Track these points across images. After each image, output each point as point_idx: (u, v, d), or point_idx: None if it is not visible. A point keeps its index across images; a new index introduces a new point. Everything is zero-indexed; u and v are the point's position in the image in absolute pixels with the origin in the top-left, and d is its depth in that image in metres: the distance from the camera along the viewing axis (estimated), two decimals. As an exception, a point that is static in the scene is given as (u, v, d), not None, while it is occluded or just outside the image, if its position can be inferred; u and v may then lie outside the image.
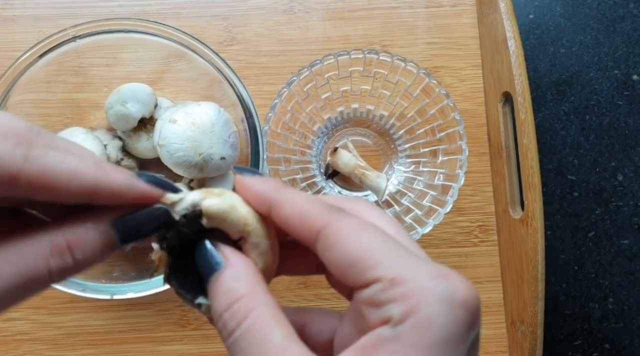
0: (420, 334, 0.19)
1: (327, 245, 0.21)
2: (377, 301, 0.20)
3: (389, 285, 0.20)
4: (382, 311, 0.20)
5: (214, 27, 0.54)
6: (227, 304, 0.21)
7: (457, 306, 0.19)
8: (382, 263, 0.20)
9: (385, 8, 0.55)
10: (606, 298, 0.55)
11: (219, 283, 0.22)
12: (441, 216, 0.47)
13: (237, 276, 0.22)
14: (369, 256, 0.20)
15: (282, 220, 0.23)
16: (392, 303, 0.19)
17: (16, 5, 0.53)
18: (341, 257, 0.21)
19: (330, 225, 0.21)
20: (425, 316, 0.19)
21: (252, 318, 0.20)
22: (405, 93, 0.50)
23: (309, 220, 0.22)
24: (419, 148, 0.51)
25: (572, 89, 0.57)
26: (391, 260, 0.20)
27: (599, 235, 0.56)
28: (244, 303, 0.21)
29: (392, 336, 0.19)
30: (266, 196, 0.23)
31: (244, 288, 0.21)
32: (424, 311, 0.19)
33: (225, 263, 0.22)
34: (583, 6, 0.58)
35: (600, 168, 0.56)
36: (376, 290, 0.20)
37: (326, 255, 0.21)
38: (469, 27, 0.55)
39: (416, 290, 0.19)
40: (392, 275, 0.20)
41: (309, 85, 0.49)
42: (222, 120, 0.46)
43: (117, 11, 0.54)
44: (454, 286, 0.20)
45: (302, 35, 0.54)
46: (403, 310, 0.19)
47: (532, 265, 0.48)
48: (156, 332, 0.51)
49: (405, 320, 0.19)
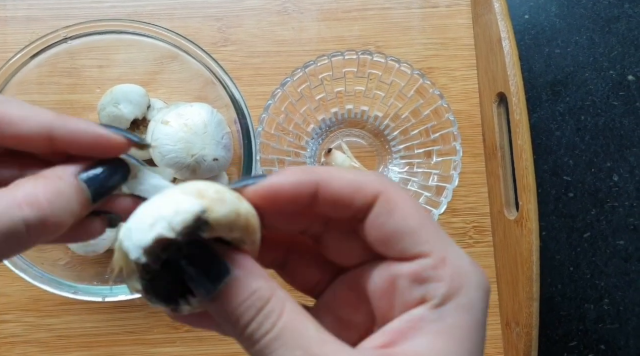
0: (463, 316, 0.20)
1: (385, 209, 0.21)
2: (424, 277, 0.20)
3: (439, 263, 0.20)
4: (425, 288, 0.20)
5: (208, 27, 0.54)
6: (259, 306, 0.20)
7: (487, 293, 0.21)
8: (434, 241, 0.21)
9: (380, 9, 0.55)
10: (602, 299, 0.55)
11: (236, 287, 0.20)
12: (435, 217, 0.46)
13: (255, 276, 0.20)
14: (423, 230, 0.21)
15: (333, 196, 0.21)
16: (438, 282, 0.20)
17: (8, 7, 0.53)
18: (395, 224, 0.21)
19: (388, 190, 0.21)
20: (468, 300, 0.20)
21: (287, 314, 0.20)
22: (399, 94, 0.49)
23: (365, 187, 0.21)
24: (413, 149, 0.51)
25: (568, 89, 0.57)
26: (441, 239, 0.21)
27: (594, 236, 0.56)
28: (275, 303, 0.20)
29: (435, 317, 0.20)
30: (307, 180, 0.21)
31: (268, 288, 0.20)
32: (466, 295, 0.20)
33: (235, 266, 0.20)
34: (578, 6, 0.58)
35: (596, 169, 0.56)
36: (425, 265, 0.20)
37: (380, 220, 0.21)
38: (463, 27, 0.55)
39: (461, 274, 0.20)
40: (443, 254, 0.20)
41: (303, 86, 0.49)
42: (214, 121, 0.45)
43: (110, 12, 0.54)
44: (484, 275, 0.21)
45: (296, 36, 0.54)
46: (447, 291, 0.20)
47: (527, 266, 0.48)
48: (149, 334, 0.51)
49: (447, 302, 0.20)
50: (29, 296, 0.50)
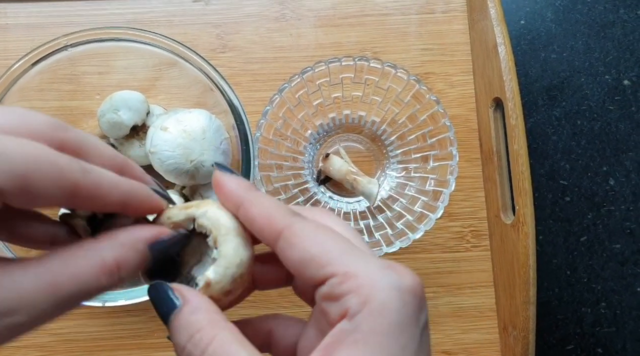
0: (376, 320, 0.21)
1: (287, 244, 0.23)
2: (335, 294, 0.22)
3: (343, 278, 0.21)
4: (340, 304, 0.21)
5: (206, 34, 0.54)
6: (190, 335, 0.22)
7: (405, 292, 0.21)
8: (335, 260, 0.22)
9: (377, 15, 0.55)
10: (598, 303, 0.55)
11: (179, 319, 0.23)
12: (432, 221, 0.47)
13: (195, 311, 0.23)
14: (324, 254, 0.22)
15: (249, 219, 0.24)
16: (348, 295, 0.21)
17: (9, 14, 0.53)
18: (299, 255, 0.22)
19: (291, 226, 0.23)
20: (378, 304, 0.21)
21: (216, 342, 0.22)
22: (396, 99, 0.50)
23: (273, 221, 0.24)
24: (410, 154, 0.51)
25: (564, 94, 0.58)
26: (343, 256, 0.22)
27: (591, 240, 0.56)
28: (205, 332, 0.22)
29: (351, 327, 0.21)
30: (237, 194, 0.25)
31: (204, 320, 0.22)
32: (377, 299, 0.21)
33: (182, 301, 0.23)
34: (574, 12, 0.58)
35: (592, 173, 0.57)
36: (333, 284, 0.22)
37: (286, 254, 0.23)
38: (460, 33, 0.55)
39: (368, 281, 0.21)
40: (345, 269, 0.22)
41: (301, 91, 0.49)
42: (213, 127, 0.46)
43: (110, 19, 0.54)
44: (400, 275, 0.22)
45: (294, 42, 0.55)
46: (358, 300, 0.21)
47: (524, 270, 0.48)
48: (150, 338, 0.51)
49: (361, 310, 0.21)
50: (29, 301, 0.50)
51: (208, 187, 0.48)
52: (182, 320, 0.23)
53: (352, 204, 0.53)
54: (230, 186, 0.25)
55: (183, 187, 0.49)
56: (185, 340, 0.22)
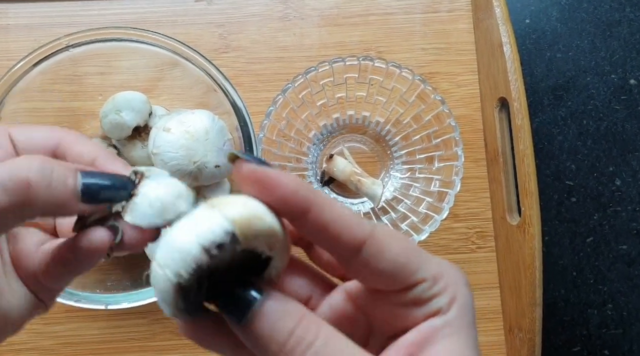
0: (464, 314, 0.23)
1: (374, 252, 0.22)
2: (424, 298, 0.22)
3: (433, 282, 0.23)
4: (429, 306, 0.22)
5: (209, 34, 0.54)
6: (296, 319, 0.21)
7: (469, 286, 0.24)
8: (422, 265, 0.23)
9: (381, 14, 0.55)
10: (605, 304, 0.55)
11: (269, 309, 0.21)
12: (437, 223, 0.46)
13: (287, 300, 0.21)
14: (412, 261, 0.23)
15: (321, 224, 0.22)
16: (439, 296, 0.22)
17: (10, 14, 0.53)
18: (390, 263, 0.22)
19: (375, 234, 0.22)
20: (463, 301, 0.23)
21: (326, 329, 0.21)
22: (400, 99, 0.49)
23: (355, 228, 0.22)
24: (415, 154, 0.51)
25: (569, 93, 0.57)
26: (426, 260, 0.23)
27: (597, 241, 0.56)
28: (311, 318, 0.21)
29: (443, 323, 0.22)
30: (303, 196, 0.21)
31: (300, 310, 0.21)
32: (462, 296, 0.23)
33: (267, 292, 0.21)
34: (579, 11, 0.58)
35: (598, 173, 0.56)
36: (423, 288, 0.22)
37: (372, 262, 0.22)
38: (464, 32, 0.55)
39: (452, 281, 0.23)
40: (433, 273, 0.23)
41: (304, 92, 0.49)
42: (216, 128, 0.46)
43: (112, 19, 0.54)
44: (462, 272, 0.24)
45: (297, 42, 0.54)
46: (448, 298, 0.22)
47: (530, 272, 0.48)
48: (152, 341, 0.51)
49: (450, 308, 0.22)
50: (32, 303, 0.50)
51: (211, 188, 0.47)
52: (274, 308, 0.21)
53: (356, 205, 0.53)
54: (291, 186, 0.21)
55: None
56: (292, 325, 0.21)
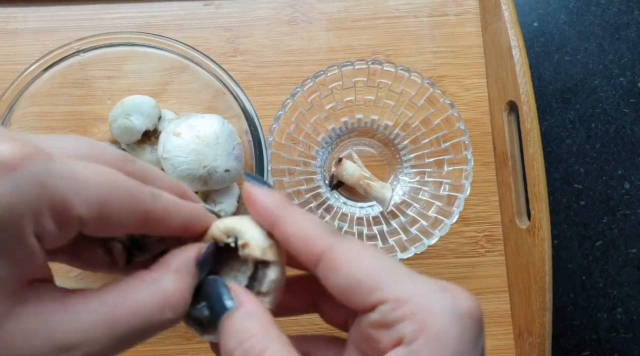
0: (435, 349, 0.19)
1: (329, 268, 0.21)
2: (386, 322, 0.20)
3: (395, 305, 0.20)
4: (394, 332, 0.20)
5: (217, 38, 0.54)
6: (238, 342, 0.21)
7: (463, 317, 0.20)
8: (385, 284, 0.20)
9: (389, 17, 0.55)
10: (615, 308, 0.55)
11: (231, 322, 0.21)
12: (447, 227, 0.46)
13: (249, 316, 0.22)
14: (372, 278, 0.21)
15: (284, 238, 0.23)
16: (402, 322, 0.20)
17: (19, 19, 0.53)
18: (344, 280, 0.21)
19: (332, 248, 0.22)
20: (436, 331, 0.19)
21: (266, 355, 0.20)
22: (409, 103, 0.49)
23: (311, 243, 0.22)
24: (424, 158, 0.51)
25: (578, 96, 0.57)
26: (393, 279, 0.21)
27: (606, 244, 0.55)
28: (257, 341, 0.21)
29: (409, 355, 0.19)
30: (271, 212, 0.23)
31: (256, 327, 0.21)
32: (434, 326, 0.19)
33: (237, 304, 0.22)
34: (587, 14, 0.58)
35: (607, 177, 0.56)
36: (384, 311, 0.20)
37: (329, 279, 0.21)
38: (473, 35, 0.55)
39: (423, 306, 0.20)
40: (397, 295, 0.20)
41: (313, 95, 0.49)
42: (226, 132, 0.46)
43: (119, 23, 0.54)
44: (457, 298, 0.20)
45: (305, 46, 0.54)
46: (414, 327, 0.19)
47: (540, 276, 0.47)
48: (161, 345, 0.51)
49: (418, 338, 0.19)
50: (40, 307, 0.50)
51: (221, 192, 0.47)
52: (234, 323, 0.21)
53: (365, 209, 0.53)
54: (263, 202, 0.23)
55: (195, 192, 0.48)
56: (233, 346, 0.21)
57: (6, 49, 0.53)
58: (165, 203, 0.21)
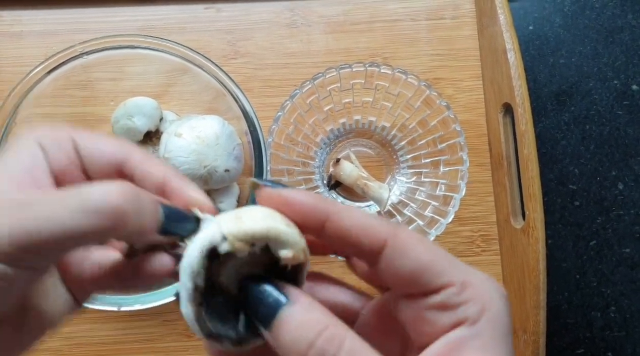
0: (495, 327, 0.21)
1: (396, 252, 0.22)
2: (451, 304, 0.22)
3: (462, 288, 0.22)
4: (456, 313, 0.22)
5: (218, 40, 0.55)
6: (318, 331, 0.20)
7: (506, 299, 0.23)
8: (450, 270, 0.22)
9: (387, 21, 0.56)
10: (608, 307, 0.55)
11: (293, 317, 0.21)
12: (443, 226, 0.47)
13: (312, 308, 0.21)
14: (438, 263, 0.22)
15: (340, 231, 0.23)
16: (467, 305, 0.22)
17: (24, 21, 0.54)
18: (413, 263, 0.22)
19: (397, 234, 0.22)
20: (495, 312, 0.22)
21: (350, 341, 0.20)
22: (406, 104, 0.50)
23: (374, 230, 0.23)
24: (420, 159, 0.51)
25: (572, 99, 0.58)
26: (455, 266, 0.22)
27: (600, 244, 0.56)
28: (335, 330, 0.21)
29: (472, 334, 0.21)
30: (320, 208, 0.23)
31: (326, 317, 0.21)
32: (494, 308, 0.22)
33: (292, 299, 0.21)
34: (582, 17, 0.58)
35: (601, 178, 0.57)
36: (450, 293, 0.22)
37: (395, 263, 0.22)
38: (469, 38, 0.56)
39: (483, 291, 0.22)
40: (463, 279, 0.22)
41: (312, 97, 0.50)
42: (226, 133, 0.46)
43: (123, 26, 0.55)
44: (499, 285, 0.23)
45: (304, 48, 0.55)
46: (478, 308, 0.22)
47: (534, 275, 0.48)
48: (162, 342, 0.51)
49: (480, 318, 0.21)
50: (44, 305, 0.51)
51: (221, 192, 0.48)
52: (298, 316, 0.21)
53: (362, 209, 0.53)
54: (307, 201, 0.23)
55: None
56: (312, 336, 0.20)
57: (11, 51, 0.54)
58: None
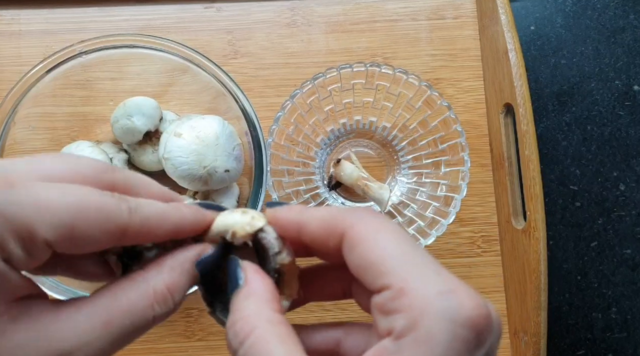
0: (420, 350, 0.19)
1: (349, 246, 0.21)
2: (386, 309, 0.20)
3: (397, 294, 0.20)
4: (389, 321, 0.20)
5: (218, 40, 0.55)
6: (233, 321, 0.21)
7: (458, 324, 0.19)
8: (394, 270, 0.20)
9: (387, 21, 0.56)
10: (609, 308, 0.55)
11: (235, 300, 0.22)
12: (444, 227, 0.47)
13: (249, 296, 0.22)
14: (384, 261, 0.20)
15: (311, 236, 0.23)
16: (398, 314, 0.20)
17: (22, 20, 0.54)
18: (359, 259, 0.21)
19: (352, 227, 0.22)
20: (425, 332, 0.19)
21: (254, 336, 0.20)
22: (407, 105, 0.50)
23: (333, 225, 0.22)
24: (421, 159, 0.51)
25: (574, 99, 0.58)
26: (403, 268, 0.20)
27: (601, 245, 0.56)
28: (246, 322, 0.21)
29: (394, 349, 0.19)
30: (294, 219, 0.24)
31: (250, 307, 0.22)
32: (424, 327, 0.19)
33: (244, 282, 0.22)
34: (584, 17, 0.58)
35: (602, 178, 0.57)
36: (386, 297, 0.20)
37: (348, 257, 0.22)
38: (470, 39, 0.56)
39: (419, 304, 0.19)
40: (401, 285, 0.20)
41: (312, 97, 0.50)
42: (226, 133, 0.46)
43: (123, 25, 0.54)
44: (459, 303, 0.19)
45: (305, 48, 0.55)
46: (406, 322, 0.19)
47: (535, 276, 0.48)
48: (161, 343, 0.51)
49: (406, 334, 0.19)
50: (42, 305, 0.51)
51: (221, 192, 0.48)
52: (235, 302, 0.22)
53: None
54: (286, 215, 0.24)
55: (195, 192, 0.49)
56: (229, 325, 0.22)
57: (10, 51, 0.53)
58: (144, 215, 0.21)
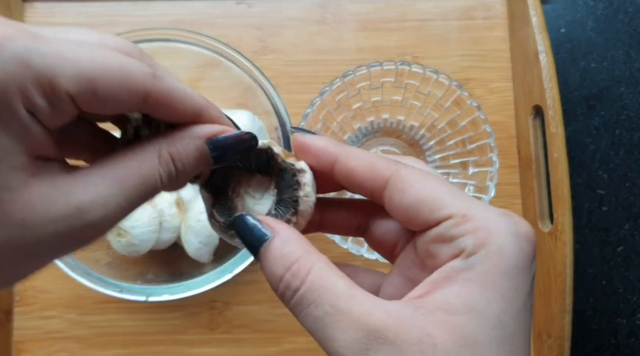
0: (493, 262, 0.21)
1: (397, 190, 0.23)
2: (449, 236, 0.22)
3: (461, 220, 0.21)
4: (454, 245, 0.21)
5: (248, 36, 0.55)
6: (287, 266, 0.22)
7: (522, 239, 0.21)
8: (452, 203, 0.22)
9: (418, 20, 0.56)
10: (634, 314, 0.55)
11: (271, 251, 0.23)
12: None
13: (289, 241, 0.23)
14: (439, 197, 0.22)
15: (347, 171, 0.24)
16: (464, 237, 0.21)
17: (57, 14, 0.55)
18: (412, 198, 0.22)
19: (399, 172, 0.23)
20: (496, 247, 0.21)
21: (314, 273, 0.21)
22: (436, 104, 0.50)
23: (378, 169, 0.23)
24: (449, 159, 0.51)
25: (603, 103, 0.57)
26: (459, 200, 0.22)
27: (627, 250, 0.56)
28: (302, 263, 0.22)
29: (465, 266, 0.21)
30: (330, 150, 0.24)
31: (299, 250, 0.22)
32: (495, 243, 0.21)
33: (273, 233, 0.23)
34: (615, 21, 0.58)
35: (630, 183, 0.56)
36: (448, 225, 0.22)
37: (395, 200, 0.23)
38: (500, 40, 0.55)
39: (486, 224, 0.21)
40: (464, 212, 0.21)
41: (341, 95, 0.50)
42: (255, 128, 0.47)
43: (154, 20, 0.55)
44: (517, 222, 0.22)
45: (334, 46, 0.55)
46: (475, 242, 0.21)
47: (561, 279, 0.48)
48: (185, 335, 0.52)
49: (477, 251, 0.21)
50: (71, 294, 0.52)
51: (249, 187, 0.48)
52: (275, 251, 0.23)
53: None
54: (320, 144, 0.25)
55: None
56: (282, 271, 0.22)
57: (44, 42, 0.54)
58: (169, 86, 0.21)
